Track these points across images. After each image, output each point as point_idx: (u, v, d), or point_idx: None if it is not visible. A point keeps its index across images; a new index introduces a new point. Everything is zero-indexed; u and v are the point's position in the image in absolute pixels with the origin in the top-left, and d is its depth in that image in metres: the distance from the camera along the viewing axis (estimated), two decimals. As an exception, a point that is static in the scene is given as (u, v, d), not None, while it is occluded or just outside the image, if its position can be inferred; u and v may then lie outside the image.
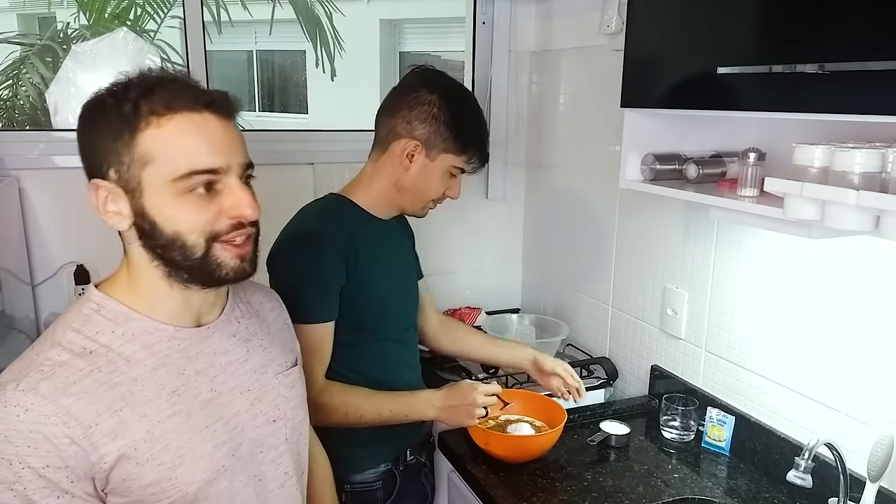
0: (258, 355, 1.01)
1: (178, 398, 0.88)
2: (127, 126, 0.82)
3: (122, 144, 0.82)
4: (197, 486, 0.88)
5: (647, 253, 1.79)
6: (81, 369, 0.82)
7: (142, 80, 0.85)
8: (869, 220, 0.98)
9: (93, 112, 0.86)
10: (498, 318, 2.14)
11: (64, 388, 0.80)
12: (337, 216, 1.39)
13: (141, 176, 0.83)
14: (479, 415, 1.40)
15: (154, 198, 0.83)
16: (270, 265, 1.33)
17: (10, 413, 0.78)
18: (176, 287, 0.89)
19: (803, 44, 1.03)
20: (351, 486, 1.43)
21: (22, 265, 1.80)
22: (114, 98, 0.84)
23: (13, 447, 0.78)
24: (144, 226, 0.85)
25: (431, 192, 1.40)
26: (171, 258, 0.86)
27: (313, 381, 1.33)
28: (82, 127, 0.87)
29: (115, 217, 0.86)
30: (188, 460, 0.87)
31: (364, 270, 1.36)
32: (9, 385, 0.80)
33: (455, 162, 1.38)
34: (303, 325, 1.31)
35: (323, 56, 5.27)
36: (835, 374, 1.32)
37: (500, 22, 2.20)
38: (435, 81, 1.37)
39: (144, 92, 0.82)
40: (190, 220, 0.84)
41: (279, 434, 1.01)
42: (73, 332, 0.85)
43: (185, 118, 0.83)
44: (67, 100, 2.50)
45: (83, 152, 0.87)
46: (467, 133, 1.37)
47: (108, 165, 0.83)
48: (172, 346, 0.89)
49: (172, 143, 0.82)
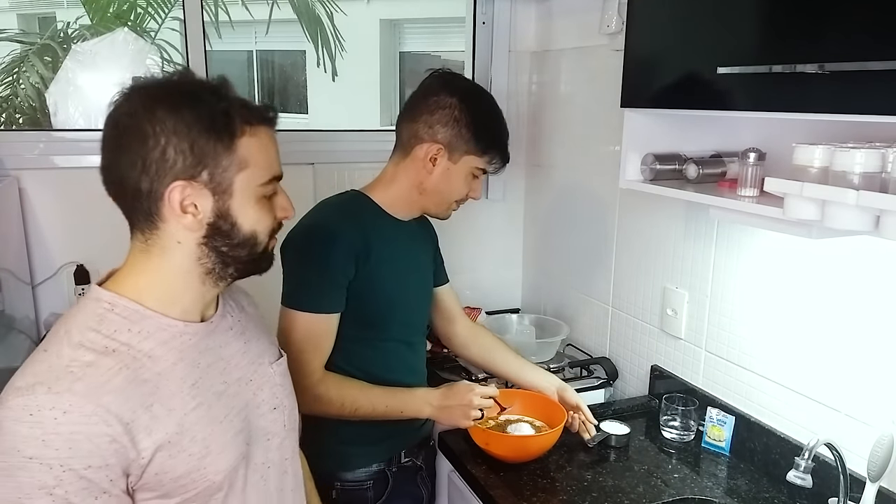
0: (254, 347, 1.04)
1: (198, 391, 0.91)
2: (227, 131, 0.86)
3: (223, 148, 0.86)
4: (222, 474, 0.91)
5: (647, 253, 1.79)
6: (110, 368, 0.83)
7: (225, 86, 0.90)
8: (869, 220, 0.98)
9: (181, 110, 0.85)
10: (498, 318, 2.14)
11: (99, 387, 0.81)
12: (354, 212, 1.40)
13: (234, 179, 0.88)
14: (475, 416, 1.39)
15: (240, 200, 0.89)
16: (283, 251, 1.34)
17: (47, 416, 0.77)
18: (206, 283, 0.93)
19: (803, 44, 1.03)
20: (341, 483, 1.43)
21: (22, 265, 1.80)
22: (209, 98, 0.86)
23: (53, 451, 0.77)
24: (223, 226, 0.89)
25: (454, 193, 1.42)
26: (235, 255, 0.92)
27: (311, 371, 1.34)
28: (165, 121, 0.84)
29: (189, 217, 0.87)
30: (214, 450, 0.90)
31: (374, 268, 1.37)
32: (38, 388, 0.79)
33: (477, 163, 1.40)
34: (303, 313, 1.32)
35: (324, 56, 5.27)
36: (835, 374, 1.32)
37: (500, 22, 2.20)
38: (454, 84, 1.39)
39: (237, 101, 0.88)
40: (264, 220, 0.93)
41: (279, 421, 1.04)
42: (92, 332, 0.85)
43: (263, 130, 0.91)
44: (67, 100, 2.50)
45: (161, 147, 0.84)
46: (488, 134, 1.39)
47: (204, 167, 0.86)
48: (185, 342, 0.91)
49: (261, 152, 0.90)
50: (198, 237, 0.89)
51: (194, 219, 0.87)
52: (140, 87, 0.87)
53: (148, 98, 0.86)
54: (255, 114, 0.90)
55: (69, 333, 0.85)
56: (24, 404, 0.78)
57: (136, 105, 0.85)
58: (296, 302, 1.34)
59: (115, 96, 0.88)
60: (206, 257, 0.90)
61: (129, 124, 0.85)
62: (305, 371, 1.33)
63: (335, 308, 1.35)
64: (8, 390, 0.81)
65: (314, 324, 1.34)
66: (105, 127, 0.88)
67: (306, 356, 1.33)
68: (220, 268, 0.92)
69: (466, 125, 1.36)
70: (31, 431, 0.77)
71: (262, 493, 1.00)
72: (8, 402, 0.79)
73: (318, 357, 1.35)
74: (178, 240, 0.89)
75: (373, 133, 2.46)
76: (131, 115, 0.85)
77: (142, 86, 0.88)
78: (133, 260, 0.91)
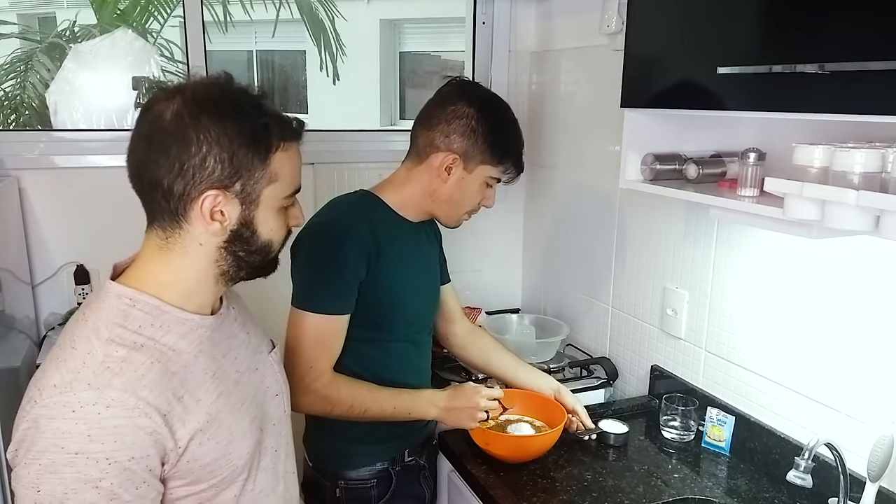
0: (253, 337, 1.08)
1: (218, 381, 0.94)
2: (265, 145, 0.90)
3: (259, 161, 0.89)
4: (244, 458, 0.96)
5: (647, 253, 1.79)
6: (143, 362, 0.85)
7: (265, 98, 0.92)
8: (869, 220, 0.98)
9: (226, 121, 0.86)
10: (498, 318, 2.14)
11: (137, 381, 0.83)
12: (364, 212, 1.40)
13: (262, 191, 0.91)
14: (481, 418, 1.41)
15: (264, 211, 0.93)
16: (294, 251, 1.35)
17: (91, 412, 0.79)
18: (219, 282, 0.96)
19: (803, 44, 1.03)
20: (345, 482, 1.44)
21: (22, 265, 1.80)
22: (252, 112, 0.88)
23: (99, 444, 0.79)
24: (245, 234, 0.92)
25: (467, 203, 1.42)
26: (250, 260, 0.95)
27: (321, 372, 1.34)
28: (210, 130, 0.86)
29: (217, 224, 0.89)
30: (238, 437, 0.94)
31: (384, 268, 1.37)
32: (77, 385, 0.81)
33: (492, 173, 1.40)
34: (313, 313, 1.32)
35: (327, 60, 5.27)
36: (835, 374, 1.32)
37: (500, 22, 2.20)
38: (472, 94, 1.39)
39: (275, 116, 0.92)
40: (281, 231, 0.98)
41: (280, 407, 1.09)
42: (119, 328, 0.86)
43: (293, 146, 0.95)
44: (67, 100, 2.50)
45: (202, 155, 0.85)
46: (504, 145, 1.39)
47: (239, 178, 0.88)
48: (202, 334, 0.94)
49: (290, 167, 0.94)
50: (219, 241, 0.92)
51: (221, 226, 0.90)
52: (186, 89, 0.88)
53: (194, 103, 0.87)
54: (289, 130, 0.93)
55: (97, 330, 0.86)
56: (64, 401, 0.80)
57: (182, 108, 0.86)
58: (306, 303, 1.33)
59: (157, 92, 0.90)
60: (223, 260, 0.93)
61: (172, 126, 0.86)
62: (315, 372, 1.33)
63: (346, 309, 1.35)
64: (41, 389, 0.82)
65: (324, 325, 1.33)
66: (143, 122, 0.89)
67: (316, 357, 1.33)
68: (234, 270, 0.95)
69: (483, 136, 1.36)
70: (75, 427, 0.79)
71: (272, 476, 1.04)
72: (44, 400, 0.80)
73: (327, 358, 1.35)
74: (200, 242, 0.91)
75: (373, 133, 2.46)
76: (176, 118, 0.86)
77: (186, 87, 0.89)
78: (149, 255, 0.92)
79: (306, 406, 1.34)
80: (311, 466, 1.48)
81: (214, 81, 0.92)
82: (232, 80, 0.92)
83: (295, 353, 1.33)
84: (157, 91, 0.90)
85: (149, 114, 0.88)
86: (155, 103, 0.88)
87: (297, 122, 0.95)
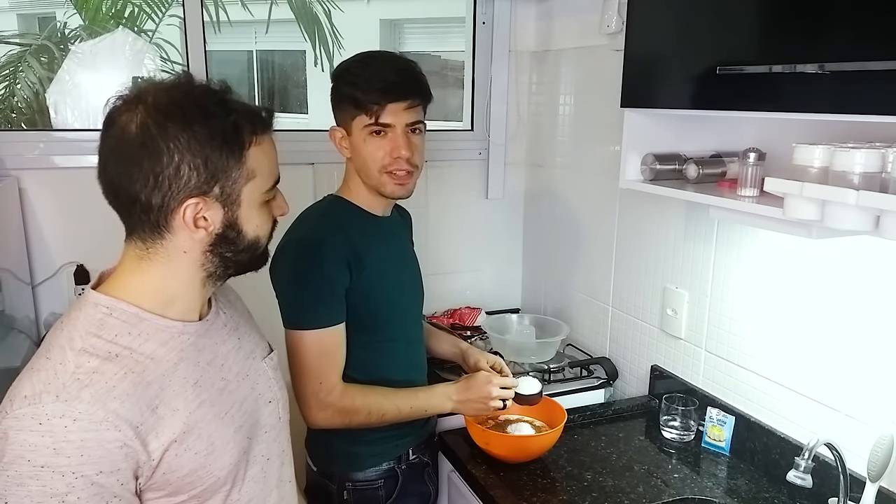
0: (247, 342, 1.05)
1: (200, 389, 0.91)
2: (238, 144, 0.87)
3: (234, 161, 0.87)
4: (227, 469, 0.93)
5: (647, 253, 1.79)
6: (115, 373, 0.83)
7: (229, 92, 0.90)
8: (869, 220, 0.98)
9: (193, 126, 0.84)
10: (498, 318, 2.14)
11: (107, 393, 0.80)
12: (336, 219, 1.39)
13: (242, 190, 0.89)
14: (497, 406, 1.42)
15: (247, 209, 0.91)
16: (273, 272, 1.32)
17: (57, 425, 0.77)
18: (206, 285, 0.94)
19: (803, 44, 1.03)
20: (353, 484, 1.44)
21: (22, 265, 1.80)
22: (218, 112, 0.86)
23: (65, 458, 0.77)
24: (231, 234, 0.91)
25: (370, 161, 1.36)
26: (238, 259, 0.94)
27: (332, 386, 1.33)
28: (178, 138, 0.83)
29: (202, 231, 0.88)
30: (219, 447, 0.91)
31: (367, 271, 1.36)
32: (45, 397, 0.78)
33: (363, 121, 1.35)
34: (309, 330, 1.31)
35: (322, 55, 5.25)
36: (835, 374, 1.32)
37: (500, 22, 2.20)
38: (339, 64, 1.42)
39: (243, 111, 0.89)
40: (267, 225, 0.95)
41: (274, 414, 1.06)
42: (94, 338, 0.84)
43: (265, 137, 0.92)
44: (67, 100, 2.50)
45: (175, 164, 0.83)
46: (353, 90, 1.34)
47: (216, 181, 0.86)
48: (184, 341, 0.92)
49: (266, 160, 0.92)
50: (204, 246, 0.90)
51: (206, 232, 0.89)
52: (146, 96, 0.85)
53: (157, 111, 0.83)
54: (260, 123, 0.91)
55: (71, 340, 0.84)
56: (31, 413, 0.78)
57: (145, 118, 0.83)
58: (300, 321, 1.32)
59: (116, 102, 0.86)
60: (209, 263, 0.92)
61: (140, 139, 0.83)
62: (327, 386, 1.32)
63: (340, 318, 1.35)
64: (12, 399, 0.80)
65: (324, 338, 1.33)
66: (107, 136, 0.85)
67: (324, 372, 1.32)
68: (221, 270, 0.94)
69: (337, 96, 1.37)
70: (41, 440, 0.77)
71: (262, 486, 1.01)
72: (14, 411, 0.79)
73: (335, 371, 1.34)
74: (184, 250, 0.89)
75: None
76: (142, 129, 0.83)
77: (146, 94, 0.85)
78: (129, 264, 0.90)
79: (325, 421, 1.34)
80: (315, 471, 1.48)
81: (174, 84, 0.88)
82: (192, 80, 0.90)
83: (302, 373, 1.32)
84: (115, 101, 0.86)
85: (113, 127, 0.84)
86: (117, 115, 0.85)
87: (266, 111, 0.93)
